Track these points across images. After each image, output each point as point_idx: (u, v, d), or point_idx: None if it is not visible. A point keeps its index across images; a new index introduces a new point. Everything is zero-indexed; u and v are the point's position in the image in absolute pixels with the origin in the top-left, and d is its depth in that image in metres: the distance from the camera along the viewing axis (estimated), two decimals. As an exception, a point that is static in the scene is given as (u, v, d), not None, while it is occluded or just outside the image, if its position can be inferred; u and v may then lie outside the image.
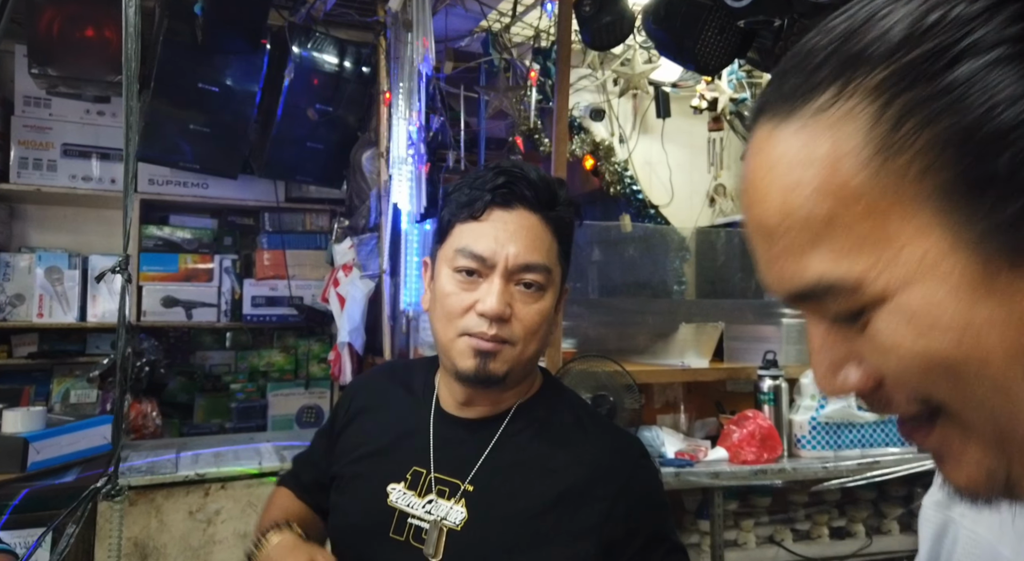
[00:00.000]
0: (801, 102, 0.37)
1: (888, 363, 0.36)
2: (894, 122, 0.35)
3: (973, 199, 0.34)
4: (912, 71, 0.34)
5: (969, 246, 0.34)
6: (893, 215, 0.35)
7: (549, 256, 0.92)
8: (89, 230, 2.82)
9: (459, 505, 0.91)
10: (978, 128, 0.33)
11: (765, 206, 0.39)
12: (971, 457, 0.37)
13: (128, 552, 1.75)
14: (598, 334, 2.23)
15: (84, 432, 1.92)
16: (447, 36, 2.61)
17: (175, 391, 2.87)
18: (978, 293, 0.34)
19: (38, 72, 2.29)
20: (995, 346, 0.34)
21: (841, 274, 0.36)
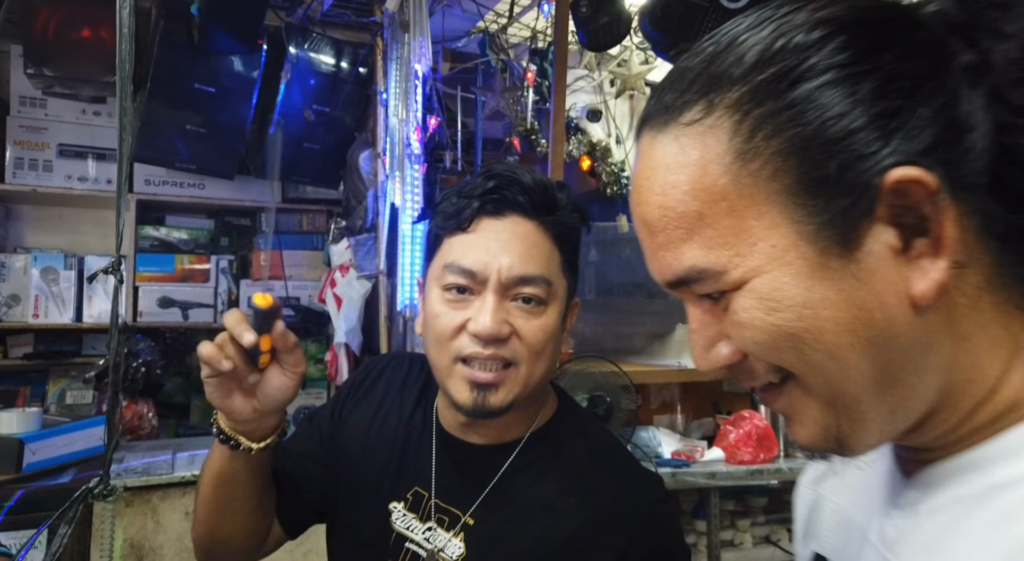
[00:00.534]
0: (676, 114, 0.43)
1: (745, 338, 0.42)
2: (749, 133, 0.41)
3: (811, 198, 0.40)
4: (762, 89, 0.41)
5: (808, 238, 0.40)
6: (750, 213, 0.41)
7: (549, 266, 0.81)
8: (85, 231, 2.81)
9: (458, 539, 0.83)
10: (813, 139, 0.39)
11: (648, 204, 0.44)
12: (811, 415, 0.43)
13: (124, 553, 1.75)
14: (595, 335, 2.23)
15: (80, 433, 1.92)
16: (444, 37, 2.61)
17: (171, 392, 2.86)
18: (815, 278, 0.40)
19: (34, 72, 2.29)
20: (828, 320, 0.40)
21: (709, 263, 0.42)
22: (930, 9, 0.43)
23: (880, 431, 0.43)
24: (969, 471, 0.42)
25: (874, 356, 0.40)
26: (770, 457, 1.94)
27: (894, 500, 0.47)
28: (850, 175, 0.39)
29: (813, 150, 0.39)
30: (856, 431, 0.43)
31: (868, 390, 0.41)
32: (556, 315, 0.82)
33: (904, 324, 0.40)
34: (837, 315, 0.40)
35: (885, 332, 0.40)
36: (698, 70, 0.43)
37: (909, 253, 0.40)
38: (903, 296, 0.40)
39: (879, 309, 0.40)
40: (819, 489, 0.59)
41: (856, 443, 0.43)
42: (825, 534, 0.56)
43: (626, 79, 2.83)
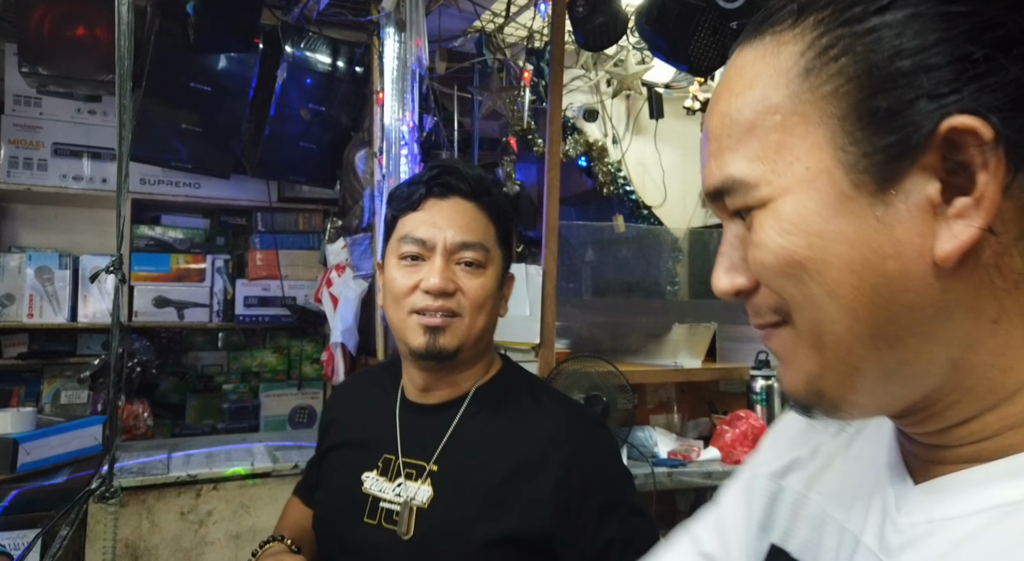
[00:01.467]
0: (767, 27, 0.43)
1: (756, 257, 0.42)
2: (821, 49, 0.40)
3: (860, 127, 0.38)
4: (851, 9, 0.39)
5: (844, 168, 0.39)
6: (797, 130, 0.40)
7: (486, 236, 0.99)
8: (80, 230, 2.80)
9: (425, 485, 0.96)
10: (880, 68, 0.38)
11: (714, 113, 0.44)
12: (799, 361, 0.42)
13: (119, 553, 1.74)
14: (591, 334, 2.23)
15: (75, 433, 1.91)
16: (440, 36, 2.61)
17: (167, 392, 2.86)
18: (838, 209, 0.39)
19: (28, 71, 2.28)
20: (836, 255, 0.39)
21: (744, 174, 0.42)
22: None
23: (872, 392, 0.41)
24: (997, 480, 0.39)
25: (876, 305, 0.38)
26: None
27: (899, 505, 0.44)
28: (909, 112, 0.37)
29: (878, 78, 0.38)
30: (844, 386, 0.41)
31: (862, 341, 0.39)
32: (493, 277, 1.00)
33: (919, 281, 0.38)
34: (848, 252, 0.38)
35: (894, 284, 0.38)
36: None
37: (946, 211, 0.37)
38: (926, 252, 0.38)
39: (895, 257, 0.38)
40: (783, 482, 0.57)
41: (841, 401, 0.41)
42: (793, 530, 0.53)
43: (623, 79, 2.83)
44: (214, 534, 1.84)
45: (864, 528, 0.46)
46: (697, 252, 3.03)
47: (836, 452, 0.54)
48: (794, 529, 0.53)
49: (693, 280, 3.00)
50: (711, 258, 0.50)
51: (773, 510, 0.56)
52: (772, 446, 0.61)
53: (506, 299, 1.05)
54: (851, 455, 0.52)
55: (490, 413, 1.00)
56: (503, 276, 1.03)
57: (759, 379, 2.05)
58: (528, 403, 1.01)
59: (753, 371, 2.07)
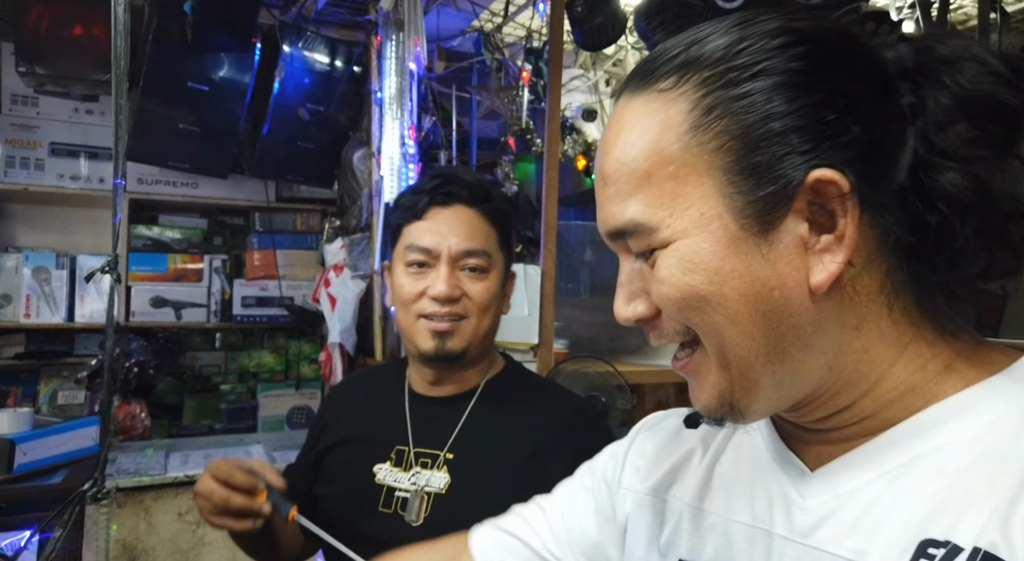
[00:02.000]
0: (651, 82, 0.48)
1: (662, 293, 0.47)
2: (706, 109, 0.46)
3: (743, 179, 0.45)
4: (727, 76, 0.46)
5: (733, 213, 0.45)
6: (690, 180, 0.46)
7: (488, 242, 1.04)
8: (77, 230, 2.79)
9: (441, 472, 1.01)
10: (756, 128, 0.45)
11: (608, 158, 0.49)
12: (711, 380, 0.49)
13: (116, 554, 1.74)
14: (590, 334, 2.23)
15: (71, 433, 1.91)
16: (439, 36, 2.60)
17: (164, 392, 2.85)
18: (731, 249, 0.45)
19: (25, 70, 2.27)
20: (733, 289, 0.45)
21: (646, 218, 0.47)
22: (889, 54, 0.48)
23: (769, 399, 0.48)
24: (885, 450, 0.47)
25: (768, 328, 0.46)
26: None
27: (801, 491, 0.51)
28: (780, 167, 0.44)
29: (754, 137, 0.45)
30: (748, 397, 0.48)
31: (760, 359, 0.46)
32: (496, 280, 1.05)
33: (799, 306, 0.46)
34: (742, 286, 0.45)
35: (780, 309, 0.45)
36: (679, 50, 0.48)
37: (815, 247, 0.45)
38: (802, 282, 0.45)
39: (779, 288, 0.45)
40: (667, 496, 0.62)
41: (747, 409, 0.49)
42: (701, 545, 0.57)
43: (621, 79, 2.83)
44: (212, 535, 1.83)
45: (772, 521, 0.52)
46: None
47: (714, 458, 0.60)
48: (702, 544, 0.58)
49: (691, 280, 2.99)
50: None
51: (667, 527, 0.61)
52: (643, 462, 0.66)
53: (508, 297, 1.11)
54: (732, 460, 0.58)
55: (500, 404, 1.05)
56: (505, 277, 1.08)
57: (758, 379, 2.05)
58: (535, 395, 1.07)
59: (752, 371, 2.07)
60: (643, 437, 0.69)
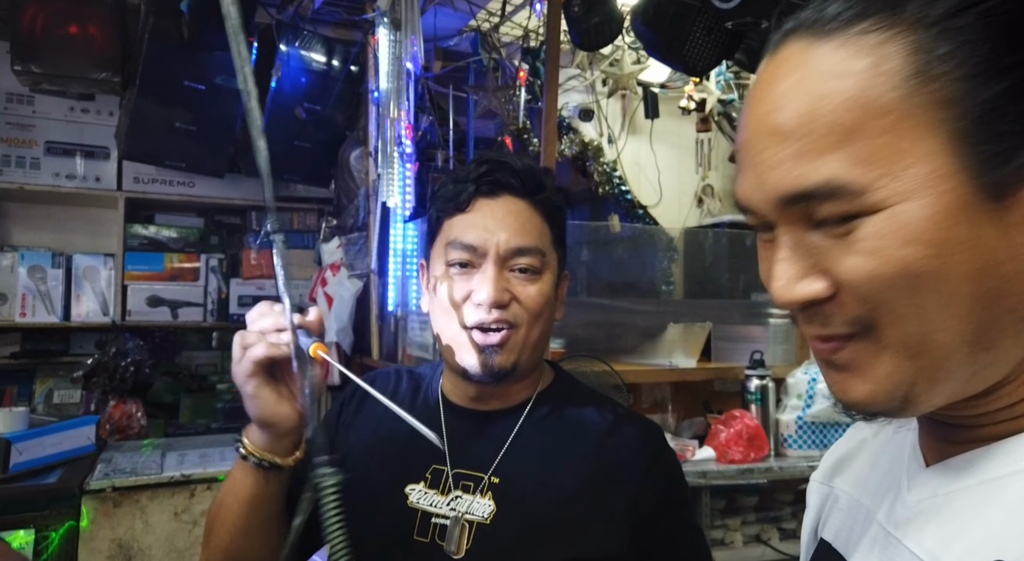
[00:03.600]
0: (845, 24, 0.40)
1: (863, 268, 0.39)
2: (936, 53, 0.38)
3: (982, 130, 0.37)
4: (969, 6, 0.37)
5: (968, 173, 0.37)
6: (911, 135, 0.38)
7: (541, 239, 0.90)
8: (73, 229, 2.78)
9: (486, 498, 0.87)
10: (1005, 67, 0.36)
11: (787, 111, 0.41)
12: (882, 370, 0.41)
13: (112, 553, 1.74)
14: (587, 334, 2.23)
15: (67, 433, 1.90)
16: (436, 35, 2.60)
17: (160, 391, 2.85)
18: (961, 217, 0.37)
19: (21, 69, 2.26)
20: (957, 265, 0.38)
21: (852, 178, 0.38)
22: None
23: (952, 393, 0.41)
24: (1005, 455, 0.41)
25: (984, 311, 0.38)
26: (760, 456, 1.95)
27: (910, 485, 0.47)
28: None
29: (1001, 78, 0.37)
30: (930, 389, 0.41)
31: (964, 346, 0.39)
32: (550, 282, 0.90)
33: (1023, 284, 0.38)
34: (969, 260, 0.38)
35: (1005, 287, 0.38)
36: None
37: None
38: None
39: (1011, 261, 0.38)
40: (832, 484, 0.59)
41: (923, 402, 0.41)
42: (833, 522, 0.56)
43: (618, 79, 2.83)
44: (208, 534, 1.83)
45: (880, 507, 0.49)
46: (692, 252, 3.04)
47: (876, 447, 0.57)
48: (830, 519, 0.57)
49: (688, 280, 3.00)
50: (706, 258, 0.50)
51: (825, 511, 0.59)
52: (827, 456, 0.63)
53: (562, 301, 0.96)
54: (883, 447, 0.54)
55: (552, 422, 0.92)
56: (559, 278, 0.94)
57: (754, 379, 2.06)
58: (592, 413, 0.93)
59: (748, 371, 2.07)
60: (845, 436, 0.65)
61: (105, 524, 1.74)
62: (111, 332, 2.62)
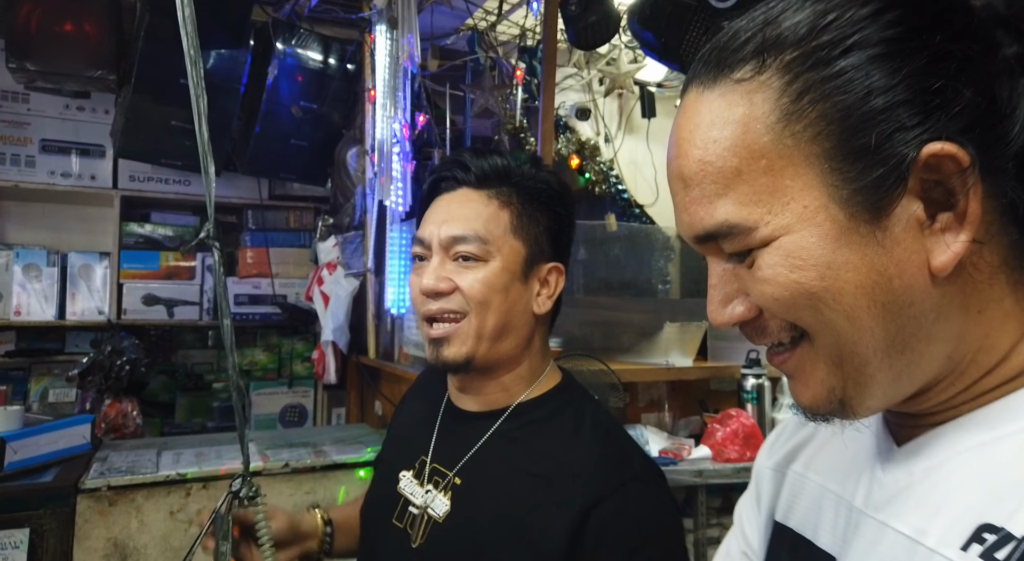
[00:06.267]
0: (727, 72, 0.45)
1: (767, 293, 0.44)
2: (796, 95, 0.42)
3: (847, 165, 0.42)
4: (815, 55, 0.42)
5: (840, 202, 0.42)
6: (787, 173, 0.43)
7: (487, 227, 0.89)
8: (68, 227, 2.78)
9: (446, 497, 0.90)
10: (857, 108, 0.41)
11: (687, 158, 0.46)
12: (818, 377, 0.45)
13: (108, 552, 1.73)
14: (583, 333, 2.23)
15: (62, 432, 1.90)
16: (433, 34, 2.60)
17: (156, 390, 2.84)
18: (841, 241, 0.42)
19: (16, 66, 2.25)
20: (848, 282, 0.42)
21: (742, 218, 0.44)
22: (979, 2, 0.44)
23: (884, 395, 0.45)
24: (970, 428, 0.45)
25: (888, 321, 0.42)
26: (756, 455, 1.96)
27: (884, 466, 0.49)
28: (888, 146, 0.41)
29: (856, 118, 0.41)
30: (860, 394, 0.45)
31: (878, 354, 0.43)
32: (498, 270, 0.89)
33: (920, 293, 0.42)
34: (858, 278, 0.42)
35: (902, 298, 0.42)
36: (753, 31, 0.45)
37: (933, 226, 0.42)
38: (923, 266, 0.42)
39: (899, 276, 0.42)
40: (787, 470, 0.62)
41: (858, 405, 0.45)
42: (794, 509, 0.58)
43: (615, 78, 2.83)
44: (204, 533, 1.83)
45: (855, 493, 0.52)
46: (689, 251, 3.04)
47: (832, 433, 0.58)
48: (794, 506, 0.58)
49: (685, 279, 3.01)
50: (702, 257, 0.51)
51: (778, 497, 0.61)
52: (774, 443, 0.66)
53: (551, 296, 0.94)
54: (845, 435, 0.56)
55: (525, 434, 0.90)
56: (527, 268, 0.91)
57: (750, 378, 2.06)
58: (569, 431, 0.89)
59: (744, 370, 2.08)
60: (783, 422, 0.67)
61: (100, 523, 1.73)
62: (106, 331, 2.61)
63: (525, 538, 0.83)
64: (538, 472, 0.86)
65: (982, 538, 0.40)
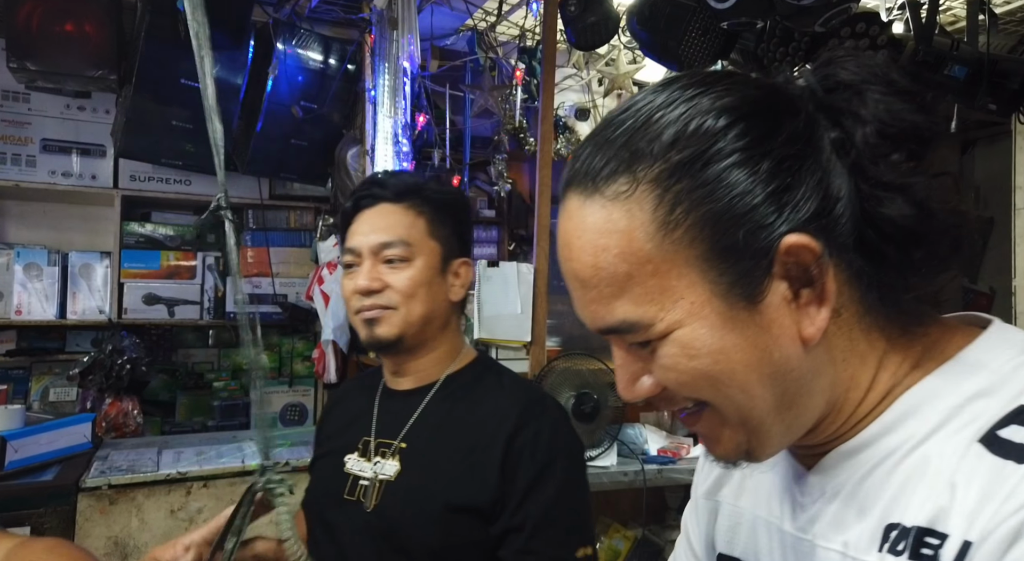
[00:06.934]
0: (602, 185, 0.49)
1: (669, 378, 0.50)
2: (670, 207, 0.48)
3: (722, 262, 0.48)
4: (679, 169, 0.48)
5: (720, 295, 0.48)
6: (672, 274, 0.48)
7: (409, 231, 1.08)
8: (69, 226, 2.78)
9: (394, 460, 1.06)
10: (724, 213, 0.47)
11: (580, 262, 0.51)
12: (727, 436, 0.52)
13: (108, 551, 1.74)
14: (582, 332, 2.24)
15: (63, 430, 1.91)
16: (432, 34, 2.61)
17: (157, 389, 2.84)
18: (727, 328, 0.48)
19: (17, 66, 2.26)
20: (738, 362, 0.49)
21: (638, 317, 0.49)
22: (799, 85, 0.52)
23: (780, 442, 0.53)
24: (859, 450, 0.53)
25: (775, 387, 0.50)
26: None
27: (801, 490, 0.57)
28: (753, 242, 0.47)
29: (724, 222, 0.47)
30: (762, 444, 0.52)
31: (771, 413, 0.50)
32: (423, 267, 1.08)
33: (797, 359, 0.49)
34: (745, 357, 0.49)
35: (783, 367, 0.49)
36: (620, 143, 0.49)
37: (799, 302, 0.49)
38: (795, 338, 0.49)
39: (778, 350, 0.49)
40: (718, 498, 0.68)
41: (761, 454, 0.53)
42: (736, 540, 0.65)
43: (614, 78, 2.84)
44: (204, 531, 1.83)
45: (782, 517, 0.58)
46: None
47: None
48: (735, 537, 0.65)
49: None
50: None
51: (714, 524, 0.68)
52: (701, 469, 0.73)
53: (463, 285, 1.13)
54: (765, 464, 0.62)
55: (458, 397, 1.09)
56: (444, 264, 1.10)
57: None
58: (494, 388, 1.09)
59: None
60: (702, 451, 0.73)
61: (101, 522, 1.74)
62: (107, 330, 2.62)
63: (470, 471, 1.01)
64: (473, 421, 1.05)
65: (888, 537, 0.48)
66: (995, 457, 0.45)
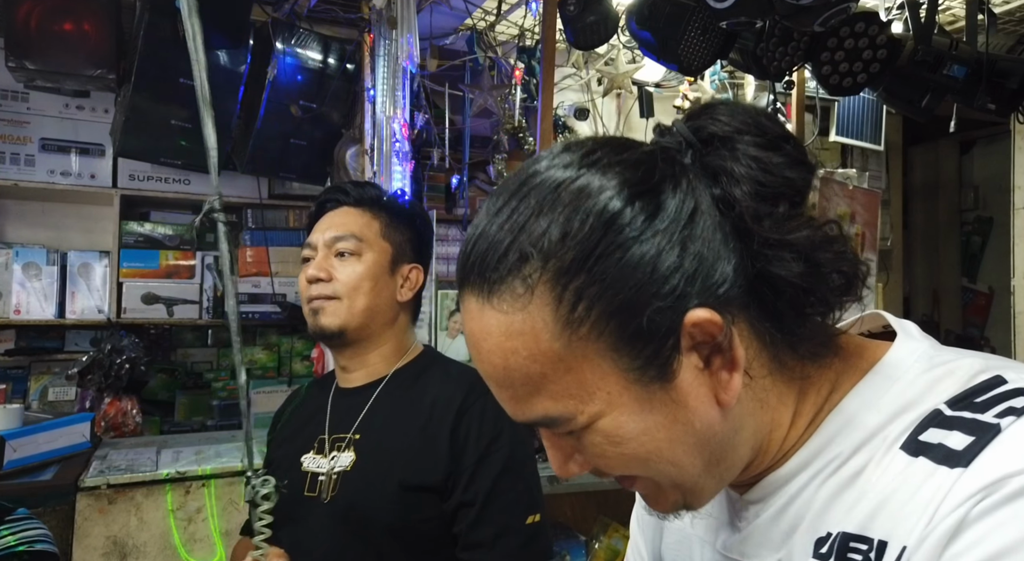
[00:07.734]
0: (498, 288, 0.49)
1: (599, 463, 0.52)
2: (571, 305, 0.47)
3: (631, 348, 0.48)
4: (573, 266, 0.47)
5: (635, 381, 0.49)
6: (585, 367, 0.48)
7: (362, 229, 1.15)
8: (67, 226, 2.78)
9: (349, 451, 1.11)
10: (623, 303, 0.47)
11: (491, 365, 0.51)
12: (664, 497, 0.55)
13: (107, 550, 1.74)
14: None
15: (62, 430, 1.91)
16: (432, 34, 2.60)
17: (156, 389, 2.84)
18: (646, 410, 0.49)
19: (15, 65, 2.26)
20: (662, 440, 0.50)
21: (558, 413, 0.50)
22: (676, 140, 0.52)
23: (715, 491, 0.56)
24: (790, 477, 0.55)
25: (701, 451, 0.51)
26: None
27: (734, 514, 0.59)
28: (658, 325, 0.47)
29: (626, 312, 0.47)
30: (698, 498, 0.55)
31: (703, 473, 0.52)
32: (371, 263, 1.15)
33: (718, 423, 0.51)
34: (669, 433, 0.50)
35: (706, 433, 0.51)
36: (507, 243, 0.49)
37: (711, 369, 0.50)
38: (713, 404, 0.50)
39: (698, 419, 0.50)
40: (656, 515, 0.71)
41: (699, 505, 0.56)
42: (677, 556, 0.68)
43: (613, 78, 2.84)
44: (203, 531, 1.84)
45: (716, 537, 0.62)
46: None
47: None
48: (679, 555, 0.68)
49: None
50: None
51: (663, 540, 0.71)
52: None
53: (411, 288, 1.20)
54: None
55: (406, 389, 1.15)
56: (393, 264, 1.18)
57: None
58: (440, 376, 1.16)
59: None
60: None
61: (100, 521, 1.74)
62: (106, 329, 2.62)
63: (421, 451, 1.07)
64: (422, 407, 1.11)
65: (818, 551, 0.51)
66: (920, 459, 0.46)
